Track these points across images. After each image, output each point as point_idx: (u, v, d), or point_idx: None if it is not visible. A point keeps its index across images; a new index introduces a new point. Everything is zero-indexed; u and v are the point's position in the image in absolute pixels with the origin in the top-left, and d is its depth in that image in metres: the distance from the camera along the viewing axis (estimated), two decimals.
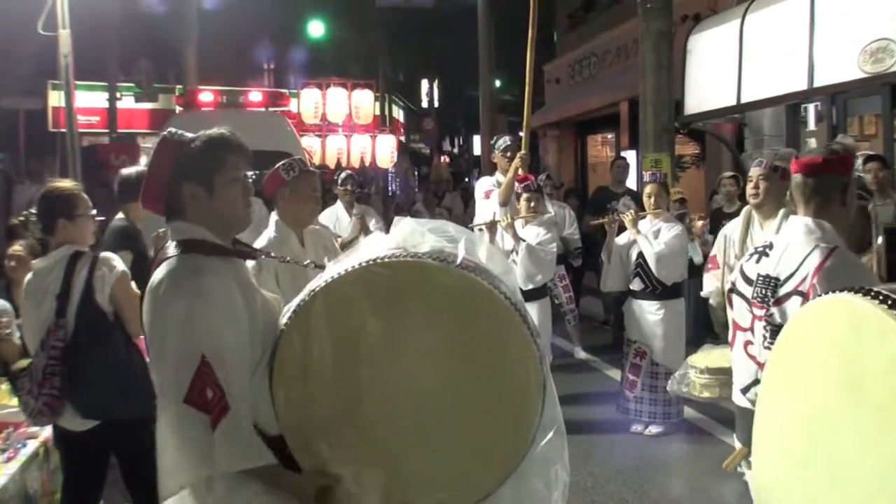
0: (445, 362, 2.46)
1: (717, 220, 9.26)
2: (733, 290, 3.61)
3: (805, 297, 3.17)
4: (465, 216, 12.97)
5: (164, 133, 2.70)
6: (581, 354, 10.08)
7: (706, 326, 9.60)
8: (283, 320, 2.55)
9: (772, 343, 3.24)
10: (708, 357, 5.05)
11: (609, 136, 19.03)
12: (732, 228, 6.20)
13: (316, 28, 26.62)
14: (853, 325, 1.96)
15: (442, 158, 36.17)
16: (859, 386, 1.92)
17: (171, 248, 2.59)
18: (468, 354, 2.46)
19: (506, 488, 2.52)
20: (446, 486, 2.53)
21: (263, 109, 12.21)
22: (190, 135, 2.66)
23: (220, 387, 2.38)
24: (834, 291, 2.07)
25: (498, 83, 23.79)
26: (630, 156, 13.68)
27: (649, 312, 7.25)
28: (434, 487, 2.53)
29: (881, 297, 1.89)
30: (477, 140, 33.85)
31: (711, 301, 6.57)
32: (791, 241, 3.37)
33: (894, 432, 1.83)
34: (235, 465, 2.39)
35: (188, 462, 2.40)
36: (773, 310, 3.31)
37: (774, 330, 3.28)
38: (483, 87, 19.53)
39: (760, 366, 3.35)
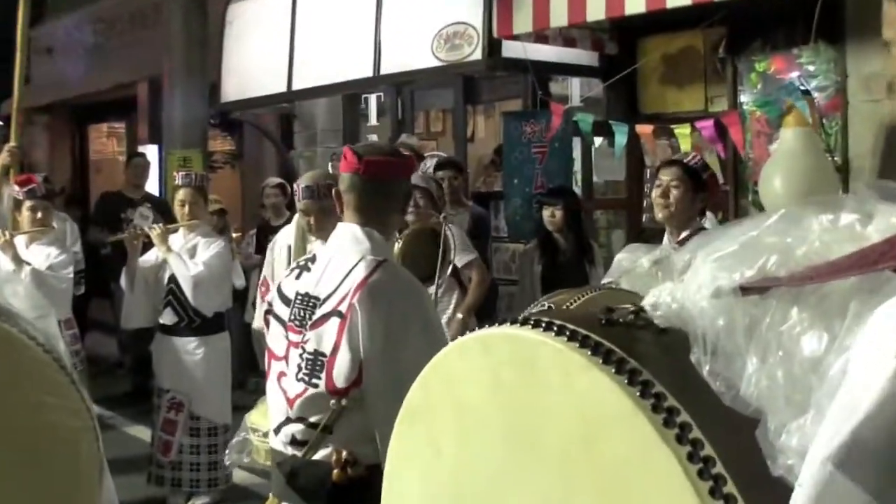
0: None
1: (264, 235, 9.32)
2: (270, 311, 3.67)
3: (344, 318, 3.29)
4: None
5: None
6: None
7: (250, 364, 9.62)
8: None
9: (307, 374, 3.35)
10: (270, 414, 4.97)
11: (119, 126, 18.51)
12: (284, 240, 6.21)
13: None
14: (523, 363, 1.90)
15: None
16: (537, 437, 1.88)
17: None
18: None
19: None
20: None
21: None
22: None
23: None
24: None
25: None
26: (151, 152, 13.36)
27: (186, 352, 7.09)
28: None
29: (556, 329, 1.84)
30: None
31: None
32: (335, 254, 3.49)
33: (584, 484, 1.80)
34: None
35: None
36: (310, 334, 3.39)
37: (309, 359, 3.36)
38: None
39: (290, 402, 3.43)
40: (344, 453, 3.26)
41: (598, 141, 8.62)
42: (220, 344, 7.27)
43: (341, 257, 3.45)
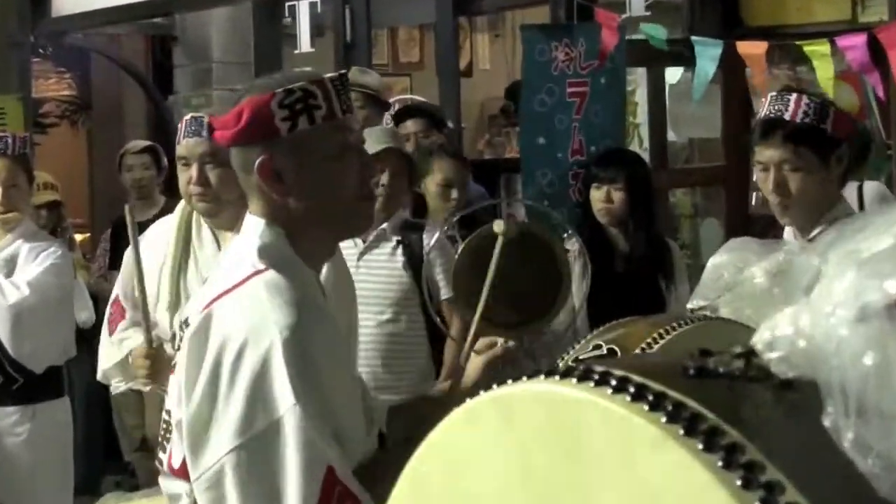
0: None
1: (124, 237, 9.29)
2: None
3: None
4: None
5: None
6: None
7: (109, 449, 9.65)
8: None
9: (161, 446, 3.49)
10: None
11: None
12: (157, 241, 6.20)
13: None
14: (563, 438, 1.92)
15: None
16: None
17: None
18: None
19: None
20: None
21: None
22: None
23: None
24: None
25: None
26: None
27: (2, 432, 7.10)
28: None
29: (615, 383, 1.84)
30: None
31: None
32: (229, 257, 3.66)
33: None
34: None
35: None
36: (172, 381, 3.51)
37: (165, 420, 3.50)
38: None
39: (175, 472, 3.43)
40: None
41: (675, 73, 8.64)
42: (56, 417, 7.33)
43: (229, 262, 3.58)
